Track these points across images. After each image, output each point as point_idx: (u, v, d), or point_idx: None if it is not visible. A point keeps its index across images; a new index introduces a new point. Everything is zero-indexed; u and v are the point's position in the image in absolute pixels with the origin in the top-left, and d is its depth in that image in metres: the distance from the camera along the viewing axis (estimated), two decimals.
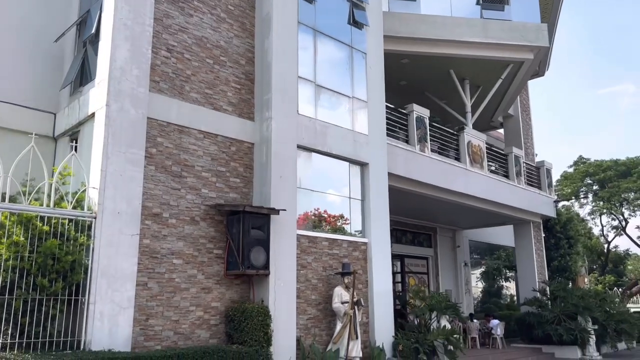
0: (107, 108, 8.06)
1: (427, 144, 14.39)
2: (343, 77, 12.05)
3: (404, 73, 16.37)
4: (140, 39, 8.62)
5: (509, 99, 18.59)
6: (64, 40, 9.94)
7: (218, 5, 10.23)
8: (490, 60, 16.17)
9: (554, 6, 19.01)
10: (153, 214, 8.49)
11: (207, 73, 9.80)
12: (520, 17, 16.15)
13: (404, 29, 14.84)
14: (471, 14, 16.04)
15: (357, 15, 12.41)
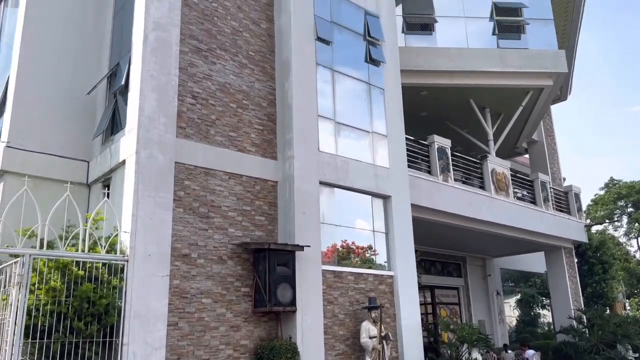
0: (136, 155, 8.48)
1: (450, 173, 14.47)
2: (362, 113, 12.33)
3: (423, 104, 16.60)
4: (166, 88, 9.10)
5: (531, 125, 18.58)
6: (96, 92, 10.53)
7: (240, 52, 10.71)
8: (510, 89, 16.29)
9: (572, 30, 19.11)
10: (182, 255, 8.79)
11: (230, 117, 10.21)
12: (537, 45, 16.29)
13: (421, 63, 15.15)
14: (488, 44, 16.26)
15: (373, 53, 12.77)
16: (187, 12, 9.93)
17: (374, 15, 13.12)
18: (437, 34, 16.17)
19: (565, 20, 18.49)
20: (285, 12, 11.37)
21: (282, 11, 11.45)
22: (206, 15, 10.27)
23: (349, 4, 12.66)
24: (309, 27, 11.53)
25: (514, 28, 16.40)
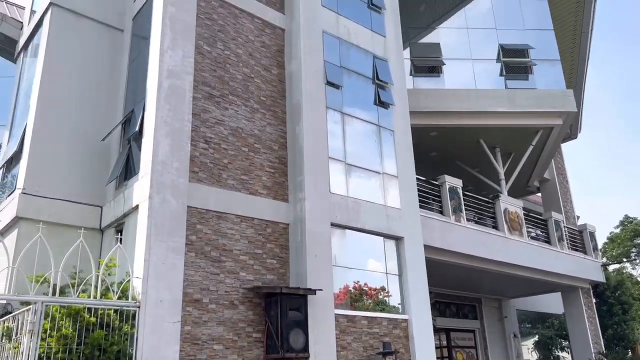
0: (150, 200, 8.56)
1: (462, 213, 14.38)
2: (372, 155, 12.40)
3: (433, 145, 16.68)
4: (180, 134, 9.26)
5: (542, 164, 18.54)
6: (111, 139, 10.74)
7: (251, 97, 10.92)
8: (520, 128, 16.35)
9: (579, 69, 19.30)
10: (194, 300, 8.73)
11: (242, 160, 10.31)
12: (545, 85, 16.43)
13: (429, 104, 15.32)
14: (496, 84, 16.43)
15: (382, 96, 12.95)
16: (200, 60, 10.19)
17: (383, 59, 13.37)
18: (445, 76, 16.40)
19: (572, 60, 18.72)
20: (295, 58, 11.64)
21: (293, 57, 11.71)
22: (219, 63, 10.54)
23: (357, 49, 12.94)
24: (319, 72, 11.76)
25: (522, 69, 16.60)
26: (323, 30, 12.21)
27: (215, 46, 10.59)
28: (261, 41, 11.55)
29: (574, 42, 18.49)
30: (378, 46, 13.40)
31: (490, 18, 17.22)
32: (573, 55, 18.69)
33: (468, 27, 16.93)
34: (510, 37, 16.92)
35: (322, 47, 12.04)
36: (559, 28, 17.93)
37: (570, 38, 18.55)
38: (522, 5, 17.41)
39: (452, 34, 17.12)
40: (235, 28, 11.08)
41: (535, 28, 17.05)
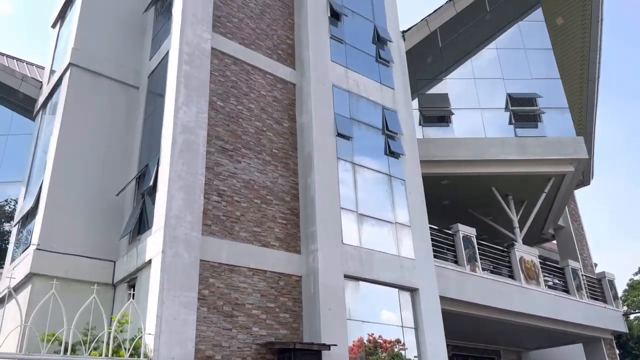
0: (162, 254, 8.55)
1: (477, 263, 14.17)
2: (384, 204, 12.39)
3: (445, 193, 16.66)
4: (193, 187, 9.35)
5: (556, 211, 18.37)
6: (125, 193, 10.86)
7: (263, 150, 11.07)
8: (531, 176, 16.31)
9: (588, 116, 19.40)
10: (206, 357, 8.55)
11: (255, 212, 10.35)
12: (555, 132, 16.51)
13: (440, 153, 15.40)
14: (505, 132, 16.53)
15: (392, 146, 13.06)
16: (213, 115, 10.42)
17: (392, 110, 13.57)
18: (454, 125, 16.56)
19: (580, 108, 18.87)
20: (306, 111, 11.86)
21: (304, 111, 11.94)
22: (232, 118, 10.76)
23: (367, 101, 13.17)
24: (330, 124, 11.94)
25: (530, 117, 16.73)
26: (333, 84, 12.49)
27: (228, 101, 10.85)
28: (273, 96, 11.81)
29: (582, 90, 18.69)
30: (387, 98, 13.64)
31: (497, 68, 17.53)
32: (581, 102, 18.85)
33: (475, 77, 17.22)
34: (518, 86, 17.16)
35: (332, 100, 12.27)
36: (566, 77, 18.18)
37: (578, 86, 18.77)
38: (528, 55, 17.74)
39: (460, 84, 17.40)
40: (247, 84, 11.37)
41: (542, 77, 17.29)
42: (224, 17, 11.59)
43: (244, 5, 12.11)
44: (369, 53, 13.89)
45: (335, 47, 13.06)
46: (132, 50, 12.33)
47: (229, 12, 11.73)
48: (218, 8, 11.50)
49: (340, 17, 13.51)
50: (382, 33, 14.23)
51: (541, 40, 17.87)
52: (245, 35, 11.83)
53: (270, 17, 12.57)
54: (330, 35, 13.06)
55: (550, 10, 18.49)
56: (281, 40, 12.63)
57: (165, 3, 12.15)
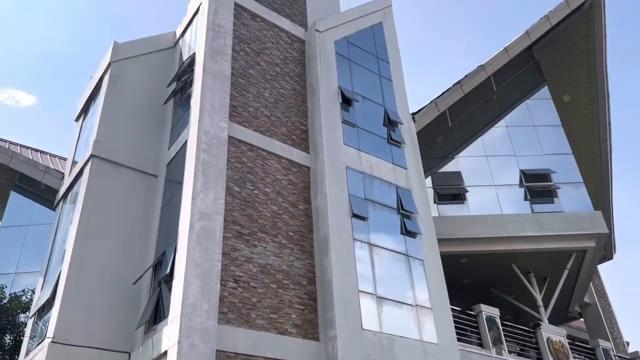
0: (178, 345, 8.35)
1: (503, 345, 13.60)
2: (403, 286, 12.13)
3: (465, 272, 16.32)
4: (210, 274, 9.29)
5: (581, 288, 17.82)
6: (141, 282, 10.80)
7: (279, 233, 11.08)
8: (551, 252, 16.00)
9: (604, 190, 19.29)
10: None
11: (271, 298, 10.18)
12: (572, 207, 16.37)
13: (457, 231, 15.27)
14: (521, 209, 16.43)
15: (408, 225, 12.99)
16: (230, 200, 10.56)
17: (406, 190, 13.64)
18: (469, 202, 16.53)
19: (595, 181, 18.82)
20: (321, 193, 11.97)
21: (318, 192, 12.05)
22: (248, 202, 10.88)
23: (380, 182, 13.28)
24: (345, 205, 11.99)
25: (546, 192, 16.68)
26: (346, 166, 12.69)
27: (244, 186, 11.02)
28: (288, 179, 12.00)
29: (595, 164, 18.74)
30: (400, 178, 13.76)
31: (508, 144, 17.74)
32: (596, 176, 18.84)
33: (487, 154, 17.41)
34: (530, 162, 17.26)
35: (346, 181, 12.41)
36: (578, 151, 18.30)
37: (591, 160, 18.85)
38: (538, 132, 17.99)
39: (472, 161, 17.57)
40: (263, 169, 11.60)
41: (554, 153, 17.42)
42: (240, 106, 12.05)
43: (259, 95, 12.62)
44: (381, 135, 14.19)
45: (347, 130, 13.39)
46: (151, 140, 12.77)
47: (245, 102, 12.21)
48: (234, 98, 11.99)
49: (351, 102, 13.96)
50: (393, 116, 14.62)
51: (550, 116, 18.19)
52: (261, 123, 12.23)
53: (284, 105, 13.05)
54: (342, 120, 13.43)
55: (556, 88, 18.97)
56: (295, 126, 13.02)
57: (183, 95, 12.71)
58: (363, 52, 15.25)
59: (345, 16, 15.44)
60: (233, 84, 12.13)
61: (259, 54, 13.33)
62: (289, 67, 13.84)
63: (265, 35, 13.82)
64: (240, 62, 12.70)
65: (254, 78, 12.77)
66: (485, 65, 17.18)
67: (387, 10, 16.58)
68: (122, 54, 13.60)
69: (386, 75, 15.37)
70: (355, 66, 14.76)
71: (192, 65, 12.59)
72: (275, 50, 13.82)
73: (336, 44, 14.66)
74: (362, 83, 14.63)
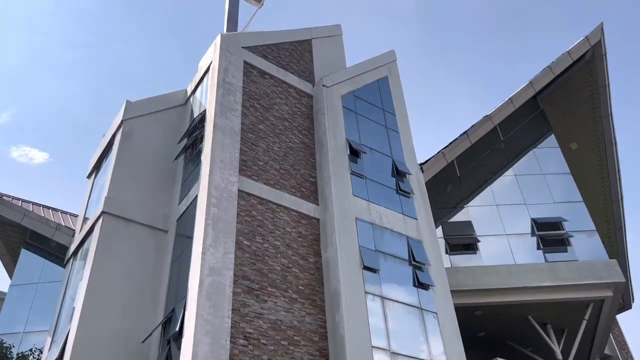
0: None
1: None
2: (417, 340, 11.81)
3: (480, 324, 15.91)
4: (219, 331, 9.13)
5: (600, 339, 17.23)
6: (151, 340, 10.62)
7: (290, 287, 10.94)
8: (568, 302, 15.59)
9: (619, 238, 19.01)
10: None
11: (282, 356, 9.93)
12: (586, 256, 16.07)
13: (470, 282, 15.00)
14: (534, 258, 16.16)
15: (421, 277, 12.80)
16: (240, 255, 10.51)
17: (417, 240, 13.52)
18: (481, 252, 16.32)
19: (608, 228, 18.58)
20: (331, 245, 11.89)
21: (328, 245, 11.98)
22: (257, 256, 10.82)
23: (391, 233, 13.20)
24: (355, 257, 11.88)
25: (558, 241, 16.45)
26: (356, 217, 12.66)
27: (254, 240, 10.99)
28: (298, 232, 11.96)
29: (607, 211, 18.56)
30: (411, 228, 13.67)
31: (517, 193, 17.66)
32: (609, 223, 18.61)
33: (497, 203, 17.33)
34: (541, 210, 17.13)
35: (356, 233, 12.34)
36: (589, 198, 18.18)
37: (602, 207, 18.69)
38: (547, 180, 17.93)
39: (482, 210, 17.47)
40: (273, 222, 11.60)
41: (564, 201, 17.31)
42: (250, 160, 12.20)
43: (268, 149, 12.79)
44: (390, 186, 14.22)
45: (356, 182, 13.45)
46: (162, 195, 12.89)
47: (255, 156, 12.37)
48: (244, 153, 12.16)
49: (359, 154, 14.09)
50: (401, 167, 14.70)
51: (558, 164, 18.19)
52: (270, 176, 12.33)
53: (293, 158, 13.19)
54: (351, 171, 13.52)
55: (563, 136, 19.08)
56: (304, 178, 13.11)
57: (194, 150, 12.92)
58: (369, 105, 15.53)
59: (351, 71, 15.83)
60: (243, 139, 12.33)
61: (268, 109, 13.61)
62: (297, 121, 14.09)
63: (274, 92, 14.16)
64: (249, 117, 12.96)
65: (263, 132, 12.99)
66: (491, 115, 17.38)
67: (392, 65, 17.00)
68: (135, 111, 13.95)
69: (393, 127, 15.57)
70: (362, 119, 15.00)
71: (202, 121, 12.86)
72: (284, 105, 14.12)
73: (343, 97, 14.96)
74: (370, 135, 14.81)
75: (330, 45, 17.09)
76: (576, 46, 18.34)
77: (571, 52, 18.30)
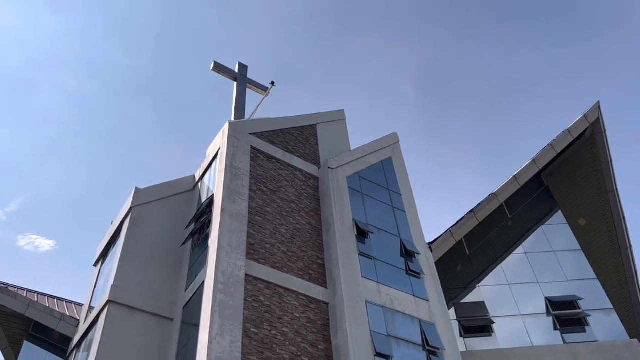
0: None
1: None
2: None
3: None
4: None
5: None
6: None
7: None
8: None
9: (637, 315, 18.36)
10: None
11: None
12: (605, 336, 15.48)
13: None
14: (552, 339, 15.57)
15: None
16: (247, 343, 10.18)
17: (430, 324, 13.11)
18: (496, 334, 15.75)
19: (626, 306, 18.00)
20: (341, 331, 11.53)
21: (339, 330, 11.62)
22: (265, 344, 10.48)
23: (403, 316, 12.83)
24: (367, 343, 11.47)
25: (575, 321, 15.90)
26: (366, 300, 12.37)
27: (262, 327, 10.69)
28: (306, 317, 11.65)
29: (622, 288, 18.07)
30: (423, 311, 13.30)
31: (529, 271, 17.32)
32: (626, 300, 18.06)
33: (509, 282, 16.97)
34: (555, 288, 16.72)
35: (366, 317, 12.00)
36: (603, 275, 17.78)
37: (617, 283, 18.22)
38: (558, 257, 17.65)
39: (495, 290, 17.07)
40: (281, 307, 11.34)
41: (578, 278, 16.94)
42: (257, 243, 12.15)
43: (275, 231, 12.78)
44: (399, 267, 14.02)
45: (365, 263, 13.27)
46: (168, 282, 12.72)
47: (262, 239, 12.33)
48: (251, 236, 12.13)
49: (366, 234, 14.02)
50: (409, 246, 14.56)
51: (568, 241, 17.99)
52: (277, 259, 12.22)
53: (300, 240, 13.13)
54: (359, 252, 13.38)
55: (570, 212, 19.01)
56: (312, 260, 12.97)
57: (202, 235, 12.91)
58: (375, 186, 15.67)
59: (356, 153, 16.13)
60: (250, 222, 12.36)
61: (275, 192, 13.75)
62: (304, 202, 14.18)
63: (280, 175, 14.37)
64: (257, 200, 13.07)
65: (270, 215, 13.03)
66: (496, 193, 17.44)
67: (395, 146, 17.35)
68: (143, 198, 14.10)
69: (399, 207, 15.60)
70: (368, 199, 15.07)
71: (210, 206, 12.96)
72: (291, 187, 14.27)
73: (348, 179, 15.14)
74: (376, 215, 14.82)
75: (335, 129, 17.56)
76: (575, 124, 18.74)
77: (571, 130, 18.67)
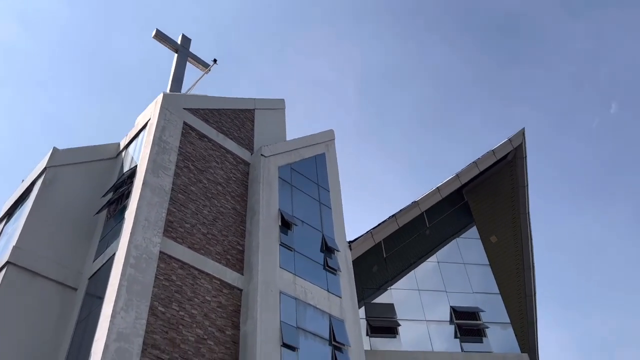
0: None
1: None
2: None
3: None
4: None
5: None
6: None
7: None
8: None
9: (530, 333, 19.63)
10: None
11: None
12: (500, 348, 16.44)
13: None
14: (452, 346, 16.32)
15: (339, 359, 12.51)
16: (152, 321, 9.90)
17: (339, 320, 13.35)
18: (401, 336, 16.30)
19: (522, 322, 19.20)
20: (251, 318, 11.49)
21: (249, 317, 11.57)
22: (172, 324, 10.23)
23: (314, 310, 12.97)
24: (275, 332, 11.50)
25: (475, 331, 16.77)
26: (280, 290, 12.39)
27: (170, 307, 10.43)
28: (218, 301, 11.50)
29: (521, 305, 19.25)
30: (334, 307, 13.52)
31: (439, 279, 18.07)
32: (522, 317, 19.26)
33: (419, 288, 17.59)
34: (460, 298, 17.54)
35: (278, 307, 12.03)
36: (505, 291, 18.84)
37: (517, 301, 19.39)
38: (467, 269, 18.53)
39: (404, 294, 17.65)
40: (192, 288, 11.12)
41: (482, 291, 17.86)
42: (177, 222, 11.83)
43: (197, 212, 12.49)
44: (317, 261, 14.16)
45: (284, 254, 13.29)
46: (77, 250, 12.11)
47: (182, 218, 12.02)
48: (171, 214, 11.79)
49: (290, 226, 14.04)
50: (330, 242, 14.74)
51: (478, 255, 18.92)
52: (196, 240, 11.96)
53: (222, 224, 12.93)
54: (280, 243, 13.38)
55: (484, 228, 19.99)
56: (232, 245, 12.81)
57: (118, 206, 12.39)
58: (305, 179, 15.72)
59: (290, 144, 16.10)
60: (172, 199, 12.01)
61: (202, 172, 13.44)
62: (231, 186, 13.97)
63: (210, 155, 14.07)
64: (182, 178, 12.72)
65: (194, 195, 12.73)
66: (419, 202, 18.01)
67: (330, 143, 17.49)
68: (61, 160, 13.33)
69: (326, 203, 15.75)
70: (297, 192, 15.10)
71: (132, 177, 12.47)
72: (219, 169, 14.01)
73: (280, 169, 15.09)
74: (303, 208, 14.87)
75: (273, 117, 17.43)
76: (500, 146, 19.70)
77: (495, 152, 19.61)
